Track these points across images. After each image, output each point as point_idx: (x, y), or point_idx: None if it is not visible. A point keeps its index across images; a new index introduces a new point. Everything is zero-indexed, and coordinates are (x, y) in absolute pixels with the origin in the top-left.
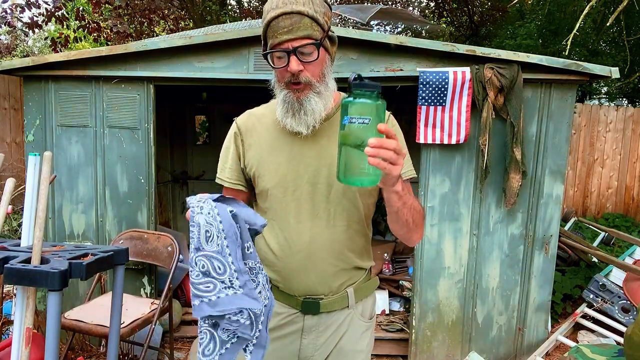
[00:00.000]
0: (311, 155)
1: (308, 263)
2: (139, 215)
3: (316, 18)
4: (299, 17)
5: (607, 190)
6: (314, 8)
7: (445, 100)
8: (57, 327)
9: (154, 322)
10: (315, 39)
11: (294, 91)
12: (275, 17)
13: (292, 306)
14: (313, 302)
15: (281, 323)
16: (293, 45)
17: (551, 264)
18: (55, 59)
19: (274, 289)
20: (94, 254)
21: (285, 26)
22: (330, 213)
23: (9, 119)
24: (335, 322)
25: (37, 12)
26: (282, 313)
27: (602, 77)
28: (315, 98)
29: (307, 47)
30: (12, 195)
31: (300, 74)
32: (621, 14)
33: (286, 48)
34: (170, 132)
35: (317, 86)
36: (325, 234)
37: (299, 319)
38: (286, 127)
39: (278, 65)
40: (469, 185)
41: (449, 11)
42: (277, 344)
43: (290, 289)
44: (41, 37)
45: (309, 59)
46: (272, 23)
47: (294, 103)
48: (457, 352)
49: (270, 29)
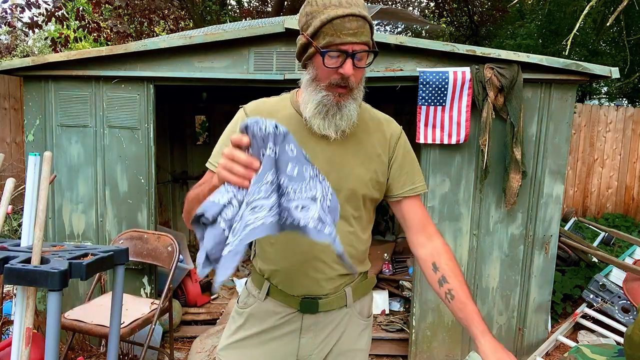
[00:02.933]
0: (323, 158)
1: (308, 267)
2: (139, 215)
3: (373, 28)
4: (363, 21)
5: (607, 190)
6: (370, 18)
7: (445, 100)
8: (57, 327)
9: (154, 322)
10: (370, 47)
11: (335, 94)
12: (342, 15)
13: (291, 305)
14: (311, 301)
15: (279, 322)
16: (354, 49)
17: (551, 264)
18: (55, 59)
19: (273, 288)
20: (94, 254)
21: (352, 28)
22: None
23: (9, 119)
24: (333, 321)
25: (37, 12)
26: (279, 312)
27: (602, 77)
28: (353, 104)
29: (364, 53)
30: (12, 195)
31: (350, 78)
32: (621, 14)
33: (347, 50)
34: (170, 132)
35: (356, 92)
36: None
37: (297, 318)
38: (312, 128)
39: (330, 65)
40: (469, 185)
41: (449, 11)
42: (275, 343)
43: (289, 289)
44: (41, 37)
45: (361, 65)
46: (336, 21)
47: (333, 106)
48: (457, 352)
49: (333, 26)
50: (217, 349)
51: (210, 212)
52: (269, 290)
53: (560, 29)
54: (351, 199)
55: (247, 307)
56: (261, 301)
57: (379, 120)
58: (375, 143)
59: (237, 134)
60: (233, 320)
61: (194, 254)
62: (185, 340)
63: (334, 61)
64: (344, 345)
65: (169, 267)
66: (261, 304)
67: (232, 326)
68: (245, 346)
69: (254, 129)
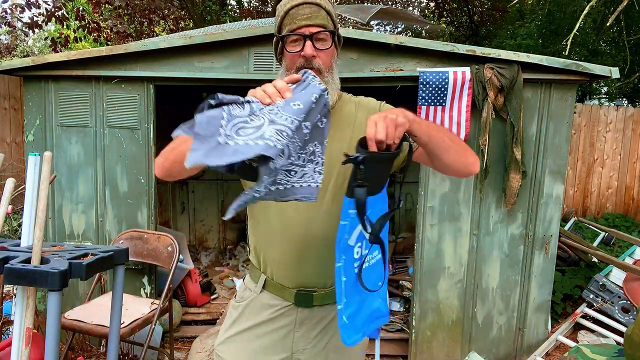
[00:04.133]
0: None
1: (305, 251)
2: (139, 215)
3: (331, 13)
4: (317, 7)
5: (607, 190)
6: (328, 4)
7: (445, 100)
8: (57, 327)
9: (154, 322)
10: (329, 29)
11: None
12: (295, 5)
13: (285, 298)
14: (306, 294)
15: (274, 316)
16: (311, 31)
17: (551, 264)
18: (55, 59)
19: (269, 281)
20: (94, 254)
21: (305, 14)
22: (329, 201)
23: (9, 119)
24: (328, 315)
25: (37, 12)
26: (275, 305)
27: (602, 77)
28: None
29: (322, 34)
30: (12, 195)
31: (313, 60)
32: (621, 14)
33: (303, 32)
34: (170, 132)
35: (326, 76)
36: (323, 223)
37: (291, 311)
38: None
39: (292, 50)
40: (469, 185)
41: (449, 11)
42: (269, 337)
43: (284, 279)
44: (41, 37)
45: (323, 46)
46: (291, 11)
47: None
48: (457, 352)
49: (289, 16)
50: (215, 344)
51: (225, 97)
52: (265, 283)
53: (560, 29)
54: (345, 181)
55: (243, 300)
56: (257, 294)
57: (355, 101)
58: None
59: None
60: (230, 315)
61: (194, 254)
62: (185, 340)
63: (296, 46)
64: (339, 341)
65: (169, 267)
66: (257, 297)
67: (228, 321)
68: (240, 340)
69: (309, 77)
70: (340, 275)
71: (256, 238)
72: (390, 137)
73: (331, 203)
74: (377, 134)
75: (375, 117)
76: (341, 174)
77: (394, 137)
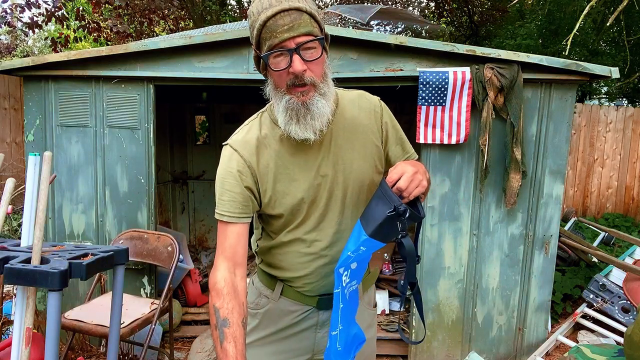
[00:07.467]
0: (326, 164)
1: (327, 269)
2: (139, 215)
3: (314, 15)
4: (297, 13)
5: (607, 190)
6: (309, 5)
7: (445, 100)
8: (57, 327)
9: (154, 322)
10: (316, 36)
11: (297, 95)
12: (271, 16)
13: (306, 303)
14: (329, 298)
15: (296, 320)
16: (296, 42)
17: (551, 264)
18: (55, 59)
19: (287, 288)
20: (94, 254)
21: (285, 24)
22: (346, 216)
23: (9, 119)
24: None
25: (37, 12)
26: (296, 311)
27: (602, 77)
28: (321, 100)
29: (310, 43)
30: (12, 195)
31: (305, 74)
32: (621, 14)
33: (287, 46)
34: (170, 132)
35: (321, 87)
36: (343, 238)
37: (313, 314)
38: (291, 136)
39: (279, 67)
40: (469, 185)
41: (449, 11)
42: (292, 340)
43: (307, 289)
44: (41, 37)
45: (313, 57)
46: (268, 23)
47: (300, 108)
48: (457, 352)
49: (267, 29)
50: None
51: None
52: (282, 290)
53: (560, 29)
54: (361, 190)
55: (260, 308)
56: (275, 301)
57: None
58: (367, 129)
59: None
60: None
61: (194, 254)
62: (185, 340)
63: (282, 63)
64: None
65: (169, 267)
66: (275, 304)
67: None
68: (262, 345)
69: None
70: (338, 302)
71: (272, 255)
72: (408, 192)
73: (350, 218)
74: (400, 182)
75: (405, 167)
76: (356, 187)
77: (410, 193)
